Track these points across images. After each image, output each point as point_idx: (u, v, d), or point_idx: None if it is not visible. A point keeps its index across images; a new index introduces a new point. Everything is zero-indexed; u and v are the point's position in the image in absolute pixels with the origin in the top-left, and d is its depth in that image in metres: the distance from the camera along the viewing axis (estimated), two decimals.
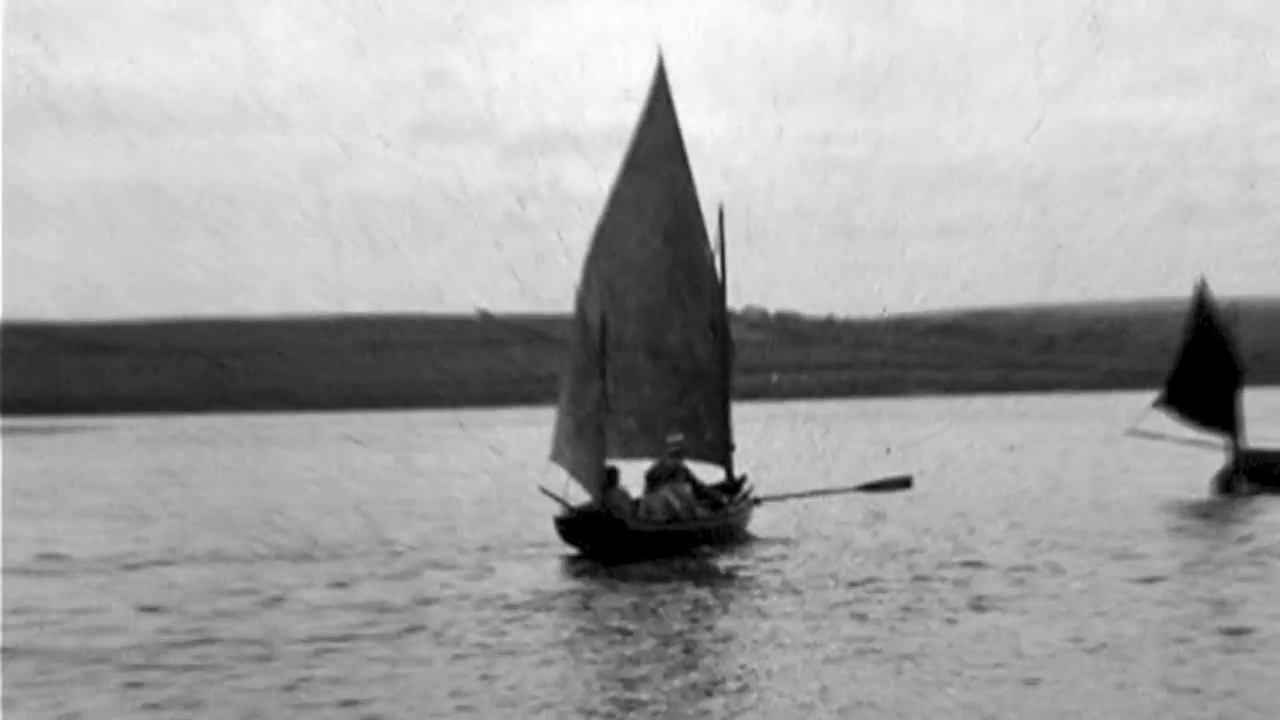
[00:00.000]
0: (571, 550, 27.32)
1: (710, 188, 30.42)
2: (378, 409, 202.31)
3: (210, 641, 19.08)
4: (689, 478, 28.69)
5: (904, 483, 31.77)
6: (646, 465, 28.85)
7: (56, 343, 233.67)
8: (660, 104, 29.63)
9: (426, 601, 22.18)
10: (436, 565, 26.55)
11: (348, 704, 15.49)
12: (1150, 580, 22.94)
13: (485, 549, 28.74)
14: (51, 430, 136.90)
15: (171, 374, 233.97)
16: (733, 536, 28.83)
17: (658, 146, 29.52)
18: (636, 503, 27.85)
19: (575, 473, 27.34)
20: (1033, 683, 15.73)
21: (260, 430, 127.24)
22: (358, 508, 39.55)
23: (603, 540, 26.68)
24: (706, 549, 27.36)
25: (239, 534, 32.91)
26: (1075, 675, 16.08)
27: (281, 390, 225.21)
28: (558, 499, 27.28)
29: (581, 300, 28.09)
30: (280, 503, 42.85)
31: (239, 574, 25.93)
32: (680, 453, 28.57)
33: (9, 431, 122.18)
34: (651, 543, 26.96)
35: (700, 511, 28.41)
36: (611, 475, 27.44)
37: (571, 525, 27.19)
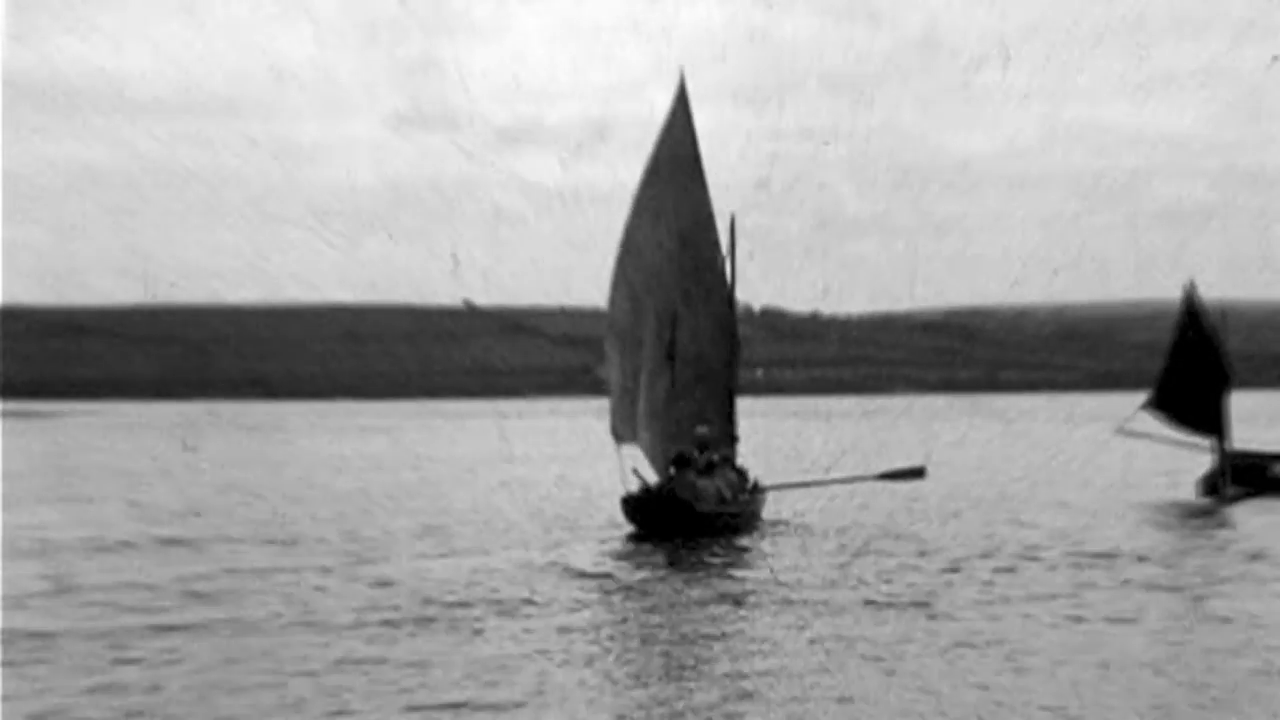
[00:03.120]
0: (632, 529, 29.04)
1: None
2: (360, 399, 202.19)
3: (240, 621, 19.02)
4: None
5: (917, 473, 33.74)
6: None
7: (38, 327, 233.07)
8: (680, 118, 31.72)
9: (478, 580, 23.01)
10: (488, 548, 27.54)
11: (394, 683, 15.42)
12: (1129, 584, 22.90)
13: (545, 531, 30.24)
14: (33, 415, 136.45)
15: (153, 360, 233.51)
16: (755, 520, 31.01)
17: (676, 158, 31.73)
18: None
19: (650, 455, 29.56)
20: (1013, 682, 15.72)
21: (243, 418, 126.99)
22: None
23: (670, 520, 28.55)
24: (750, 532, 29.56)
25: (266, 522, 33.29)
26: (1046, 679, 16.05)
27: (262, 378, 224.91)
28: (644, 481, 29.22)
29: (612, 300, 30.86)
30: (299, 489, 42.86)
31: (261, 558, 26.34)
32: (704, 444, 30.21)
33: None
34: (711, 524, 28.89)
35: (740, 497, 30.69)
36: (686, 460, 29.30)
37: (638, 505, 29.06)
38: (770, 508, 32.05)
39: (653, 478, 29.79)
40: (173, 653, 17.47)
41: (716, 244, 32.35)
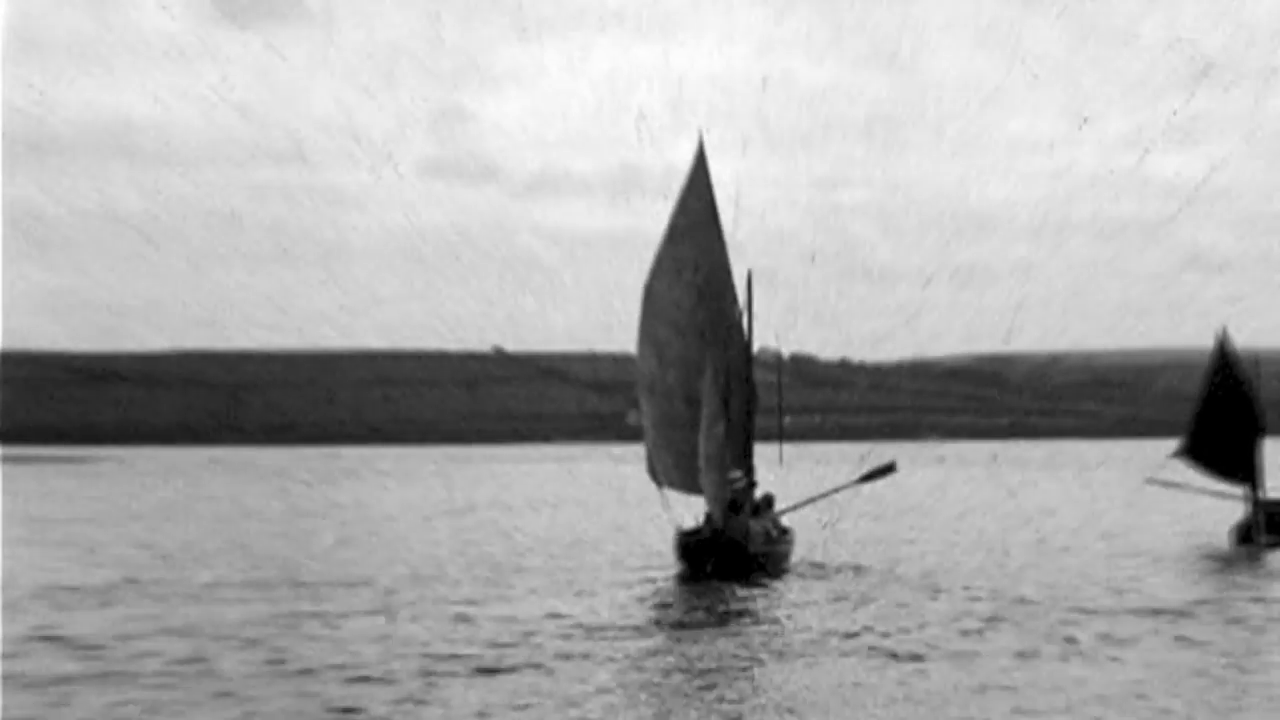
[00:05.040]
0: (683, 568, 30.49)
1: (729, 235, 33.53)
2: (390, 444, 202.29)
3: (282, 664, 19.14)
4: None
5: (890, 468, 35.48)
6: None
7: (69, 373, 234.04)
8: (699, 178, 33.08)
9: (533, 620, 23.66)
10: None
11: None
12: (1170, 635, 22.85)
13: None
14: (66, 459, 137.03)
15: (185, 405, 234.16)
16: (788, 561, 32.37)
17: (695, 216, 33.04)
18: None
19: (709, 499, 30.71)
20: None
21: (281, 464, 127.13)
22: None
23: (724, 560, 29.97)
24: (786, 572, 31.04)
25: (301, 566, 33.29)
26: None
27: (293, 423, 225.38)
28: (711, 524, 30.62)
29: (640, 352, 32.40)
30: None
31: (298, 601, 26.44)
32: (740, 488, 31.69)
33: (19, 460, 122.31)
34: (760, 564, 30.41)
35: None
36: (738, 504, 30.81)
37: (694, 545, 30.57)
38: (798, 549, 32.96)
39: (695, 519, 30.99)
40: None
41: (734, 298, 33.54)
